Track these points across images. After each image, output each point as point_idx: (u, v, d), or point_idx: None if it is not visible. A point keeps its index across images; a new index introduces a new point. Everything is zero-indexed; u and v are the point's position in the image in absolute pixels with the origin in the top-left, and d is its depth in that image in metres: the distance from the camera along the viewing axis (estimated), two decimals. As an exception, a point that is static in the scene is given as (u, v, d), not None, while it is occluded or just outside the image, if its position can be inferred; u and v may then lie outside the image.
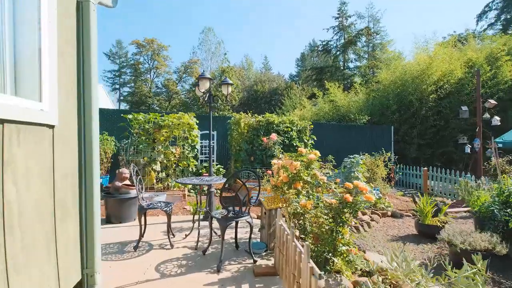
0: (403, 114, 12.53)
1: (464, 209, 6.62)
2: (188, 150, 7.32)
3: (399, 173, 10.27)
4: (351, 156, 7.44)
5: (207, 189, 4.81)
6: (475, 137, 9.13)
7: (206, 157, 8.51)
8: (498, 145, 8.26)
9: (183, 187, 6.94)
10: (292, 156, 3.66)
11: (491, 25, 24.86)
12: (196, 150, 7.64)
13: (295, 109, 21.88)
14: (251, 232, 3.24)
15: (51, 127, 1.68)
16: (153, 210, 5.31)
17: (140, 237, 3.56)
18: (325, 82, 20.04)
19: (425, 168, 9.28)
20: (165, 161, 6.99)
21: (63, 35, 1.79)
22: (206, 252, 3.41)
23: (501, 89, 11.80)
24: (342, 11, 28.05)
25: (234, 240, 3.66)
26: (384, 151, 8.62)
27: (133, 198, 4.74)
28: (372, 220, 5.69)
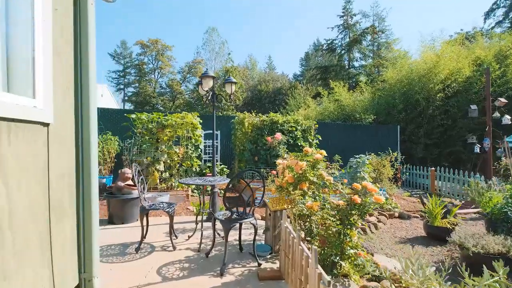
0: (410, 114, 12.32)
1: (474, 210, 6.45)
2: (191, 150, 7.25)
3: (406, 173, 10.09)
4: (357, 156, 7.30)
5: (210, 189, 4.73)
6: (484, 136, 8.92)
7: (210, 157, 8.43)
8: (510, 144, 8.05)
9: (186, 187, 6.87)
10: (297, 156, 3.55)
11: (499, 23, 24.40)
12: (199, 150, 7.57)
13: (299, 108, 21.74)
14: (256, 234, 3.15)
15: (46, 125, 1.60)
16: (155, 211, 5.24)
17: (142, 238, 3.48)
18: (330, 81, 19.85)
19: (433, 168, 9.10)
20: (168, 161, 6.92)
21: (59, 30, 1.71)
22: (209, 254, 3.32)
23: (511, 88, 11.54)
24: (347, 10, 27.81)
25: (238, 242, 3.57)
26: (390, 151, 8.47)
27: (135, 198, 4.67)
28: (379, 221, 5.57)
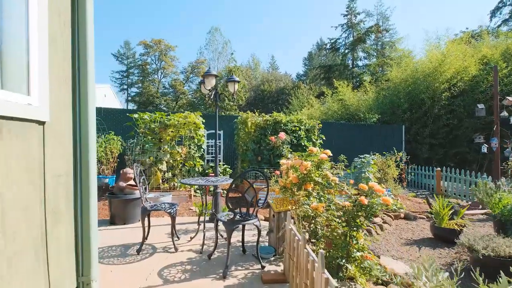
0: (415, 113, 12.18)
1: (481, 211, 6.33)
2: (194, 149, 7.19)
3: (411, 173, 9.95)
4: (362, 156, 7.20)
5: (213, 190, 4.66)
6: (492, 136, 8.76)
7: (213, 157, 8.37)
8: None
9: (189, 187, 6.81)
10: (302, 155, 3.47)
11: (505, 21, 24.03)
12: (202, 149, 7.51)
13: (302, 108, 21.62)
14: (259, 236, 3.07)
15: (41, 123, 1.54)
16: (158, 211, 5.19)
17: (143, 239, 3.42)
18: (333, 80, 19.71)
19: (438, 168, 8.97)
20: (171, 161, 6.87)
21: (56, 17, 1.65)
22: (212, 256, 3.25)
23: (519, 86, 11.35)
24: (351, 8, 27.61)
25: (241, 244, 3.49)
26: (395, 151, 8.35)
27: (137, 198, 4.62)
28: (384, 222, 5.46)
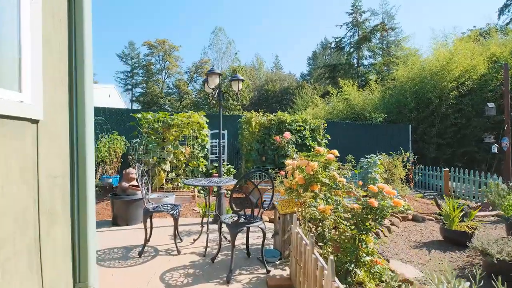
0: (422, 112, 11.97)
1: (491, 213, 6.16)
2: (198, 149, 7.12)
3: (419, 174, 9.76)
4: (368, 156, 7.06)
5: (216, 190, 4.57)
6: (502, 135, 8.56)
7: (216, 157, 8.29)
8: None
9: (192, 187, 6.74)
10: (308, 156, 3.37)
11: (514, 19, 23.60)
12: (206, 149, 7.43)
13: (307, 108, 21.47)
14: (264, 239, 2.97)
15: (35, 122, 1.45)
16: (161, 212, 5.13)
17: (145, 241, 3.34)
18: (338, 80, 19.52)
19: (446, 169, 8.78)
20: (174, 161, 6.80)
21: (50, 12, 1.57)
22: (215, 259, 3.16)
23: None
24: (356, 7, 27.36)
25: (245, 246, 3.40)
26: (402, 151, 8.19)
27: (140, 199, 4.55)
28: (392, 224, 5.33)
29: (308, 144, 7.87)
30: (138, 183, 4.63)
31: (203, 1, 65.86)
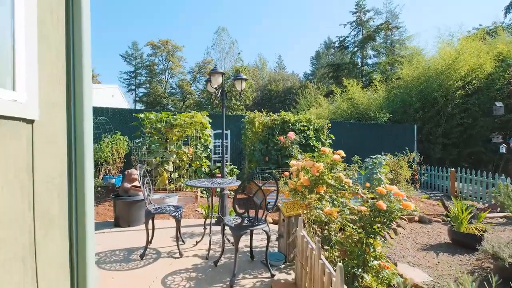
0: (427, 112, 11.81)
1: (500, 214, 6.02)
2: (201, 150, 7.06)
3: (425, 174, 9.62)
4: (373, 157, 6.96)
5: (219, 191, 4.51)
6: (511, 136, 8.40)
7: (219, 157, 8.23)
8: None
9: (195, 188, 6.68)
10: (313, 156, 3.28)
11: (521, 17, 23.32)
12: (209, 150, 7.37)
13: (310, 108, 21.35)
14: (268, 242, 2.89)
15: (30, 122, 1.39)
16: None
17: (147, 244, 3.28)
18: (342, 79, 19.38)
19: (453, 169, 8.64)
20: (177, 161, 6.75)
21: (47, 8, 1.51)
22: (218, 262, 3.09)
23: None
24: (360, 6, 27.15)
25: (248, 249, 3.32)
26: (408, 151, 8.07)
27: (142, 200, 4.48)
28: (398, 226, 5.22)
29: (312, 144, 7.78)
30: (140, 184, 4.59)
31: (204, 2, 65.91)
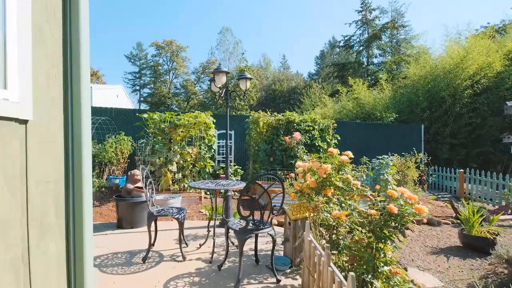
0: (434, 112, 11.61)
1: (511, 216, 5.86)
2: (204, 150, 6.98)
3: (433, 175, 9.43)
4: (380, 157, 6.83)
5: (223, 193, 4.42)
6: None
7: (223, 158, 8.15)
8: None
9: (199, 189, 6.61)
10: (320, 157, 3.18)
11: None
12: (213, 150, 7.29)
13: (315, 107, 21.19)
14: (274, 246, 2.80)
15: (23, 122, 1.32)
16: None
17: (149, 247, 3.21)
18: (347, 79, 19.19)
19: (461, 170, 8.45)
20: (181, 162, 6.68)
21: (41, 9, 1.43)
22: (222, 267, 3.00)
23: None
24: (365, 4, 26.90)
25: (253, 252, 3.23)
26: (415, 152, 7.92)
27: (145, 201, 4.42)
28: (406, 228, 5.08)
29: (317, 144, 7.66)
30: (143, 185, 4.52)
31: (207, 2, 65.98)
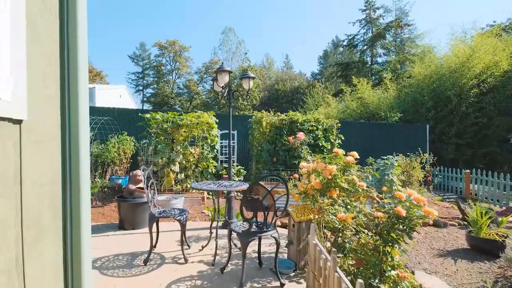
0: (440, 111, 11.47)
1: (520, 218, 5.74)
2: (207, 150, 6.94)
3: (439, 176, 9.30)
4: (384, 158, 6.73)
5: (226, 194, 4.37)
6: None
7: (226, 158, 8.10)
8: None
9: (202, 189, 6.56)
10: (324, 158, 3.11)
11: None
12: (215, 150, 7.24)
13: (318, 107, 21.08)
14: (278, 249, 2.73)
15: (17, 122, 1.26)
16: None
17: (150, 248, 3.16)
18: (351, 78, 19.06)
19: (467, 170, 8.32)
20: (184, 162, 6.64)
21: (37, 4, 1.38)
22: (225, 269, 2.94)
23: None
24: (369, 3, 26.71)
25: (256, 255, 3.17)
26: (421, 152, 7.81)
27: (147, 202, 4.38)
28: (412, 230, 5.00)
29: (321, 144, 7.58)
30: (144, 186, 4.48)
31: (210, 2, 66.05)
